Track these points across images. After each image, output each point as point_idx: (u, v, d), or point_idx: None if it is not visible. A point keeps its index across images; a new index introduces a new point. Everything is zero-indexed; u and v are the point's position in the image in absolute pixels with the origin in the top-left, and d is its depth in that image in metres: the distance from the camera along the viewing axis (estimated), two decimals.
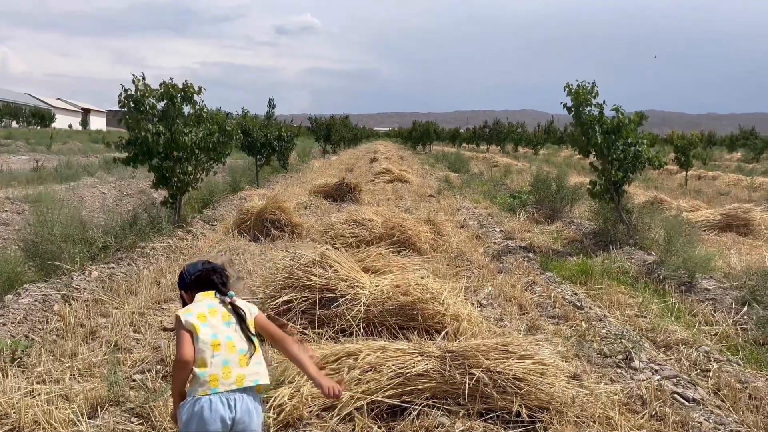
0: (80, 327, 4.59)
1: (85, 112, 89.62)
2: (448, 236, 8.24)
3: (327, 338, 4.24)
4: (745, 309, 5.18)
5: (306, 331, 4.31)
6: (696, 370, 4.10)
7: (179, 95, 8.03)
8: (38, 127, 56.41)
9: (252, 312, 2.58)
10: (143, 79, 7.74)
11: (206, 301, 2.54)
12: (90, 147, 30.17)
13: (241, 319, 2.49)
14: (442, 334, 4.16)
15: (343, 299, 4.45)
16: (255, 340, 2.48)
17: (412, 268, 5.78)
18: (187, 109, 8.25)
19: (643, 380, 3.74)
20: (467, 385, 3.24)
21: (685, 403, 3.46)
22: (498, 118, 50.20)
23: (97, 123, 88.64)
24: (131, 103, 7.69)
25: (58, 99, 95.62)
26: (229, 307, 2.52)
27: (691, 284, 6.11)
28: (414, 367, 3.36)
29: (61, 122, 69.15)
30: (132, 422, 3.25)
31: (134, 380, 3.74)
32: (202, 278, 2.63)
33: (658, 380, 3.75)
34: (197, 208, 10.39)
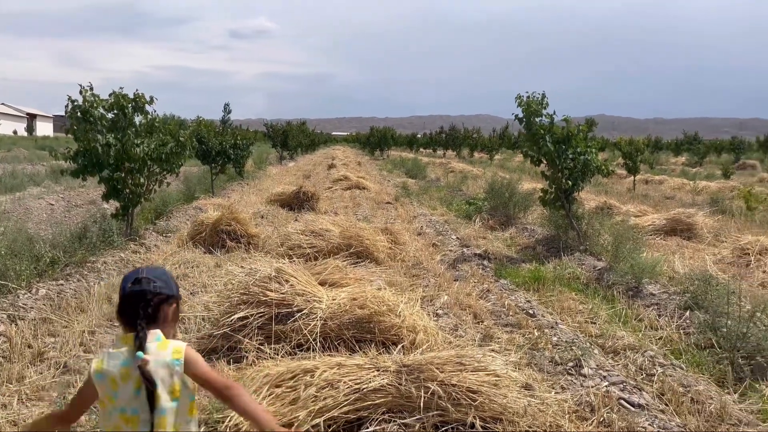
0: (27, 348, 4.45)
1: (31, 118, 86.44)
2: (405, 245, 8.31)
3: (284, 354, 4.23)
4: (688, 314, 5.42)
5: (262, 347, 4.30)
6: (642, 374, 4.27)
7: (130, 105, 7.87)
8: None
9: (175, 372, 2.09)
10: (91, 89, 7.55)
11: (121, 356, 2.08)
12: (36, 154, 29.13)
13: (152, 387, 2.03)
14: (399, 347, 4.22)
15: (299, 314, 4.46)
16: (167, 413, 2.06)
17: (369, 280, 5.83)
18: (138, 119, 8.09)
19: (592, 387, 3.87)
20: (423, 399, 3.30)
21: (631, 408, 3.60)
22: (454, 123, 50.82)
23: (44, 129, 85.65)
24: (79, 113, 7.49)
25: (2, 104, 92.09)
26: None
27: (638, 289, 6.35)
28: (370, 382, 3.39)
29: (5, 128, 66.53)
30: None
31: None
32: (125, 306, 2.17)
33: (606, 386, 3.89)
34: (150, 219, 10.18)
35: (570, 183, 8.29)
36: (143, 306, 2.11)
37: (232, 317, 4.47)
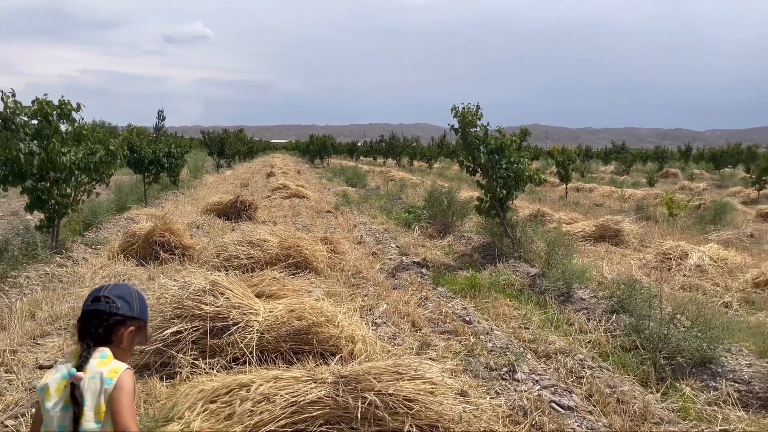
0: None
1: None
2: (345, 254, 8.31)
3: (220, 368, 4.15)
4: (614, 317, 5.66)
5: (197, 362, 4.21)
6: (572, 377, 4.43)
7: (55, 112, 7.54)
8: None
9: (103, 392, 2.02)
10: (13, 95, 7.19)
11: (65, 370, 2.04)
12: None
13: (78, 405, 1.97)
14: (337, 357, 4.22)
15: (235, 327, 4.39)
16: None
17: (308, 291, 5.81)
18: (64, 126, 7.76)
19: (525, 391, 3.99)
20: (360, 409, 3.31)
21: (561, 411, 3.73)
22: (394, 132, 51.26)
23: None
24: (0, 120, 7.12)
25: None
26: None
27: (569, 294, 6.59)
28: (307, 394, 3.38)
29: None
30: None
31: (6, 426, 3.47)
32: (81, 322, 2.15)
33: (538, 390, 4.02)
34: (78, 231, 9.76)
35: (504, 192, 8.52)
36: (95, 325, 2.10)
37: (165, 332, 4.35)
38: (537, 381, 4.22)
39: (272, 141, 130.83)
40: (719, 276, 7.83)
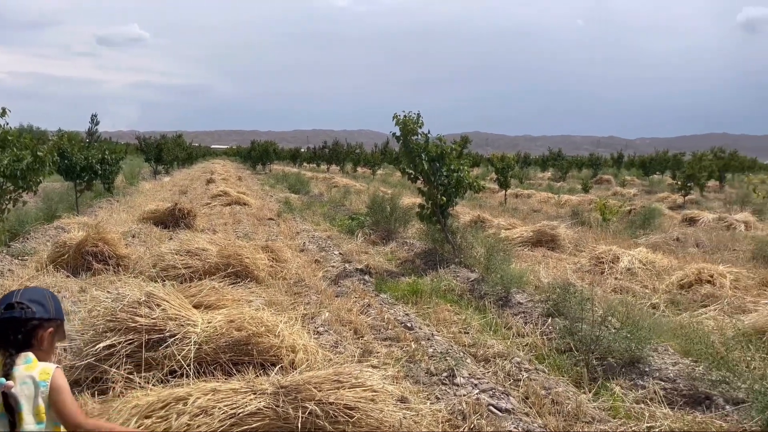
0: None
1: None
2: (287, 262, 8.24)
3: (156, 382, 4.04)
4: (550, 320, 5.85)
5: (131, 376, 4.08)
6: (510, 380, 4.54)
7: None
8: None
9: (40, 394, 2.06)
10: None
11: None
12: None
13: (14, 411, 1.99)
14: (277, 368, 4.18)
15: (172, 339, 4.28)
16: None
17: (248, 300, 5.73)
18: None
19: (464, 395, 4.07)
20: (300, 419, 3.29)
21: (499, 413, 3.83)
22: (338, 138, 51.27)
23: None
24: None
25: None
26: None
27: (507, 299, 6.75)
28: (247, 406, 3.33)
29: None
30: None
31: None
32: None
33: (477, 394, 4.10)
34: (4, 242, 9.27)
35: (445, 199, 8.67)
36: (13, 332, 2.12)
37: (97, 346, 4.19)
38: (476, 385, 4.30)
39: (212, 146, 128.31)
40: (648, 278, 8.21)
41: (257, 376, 3.97)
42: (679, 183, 22.57)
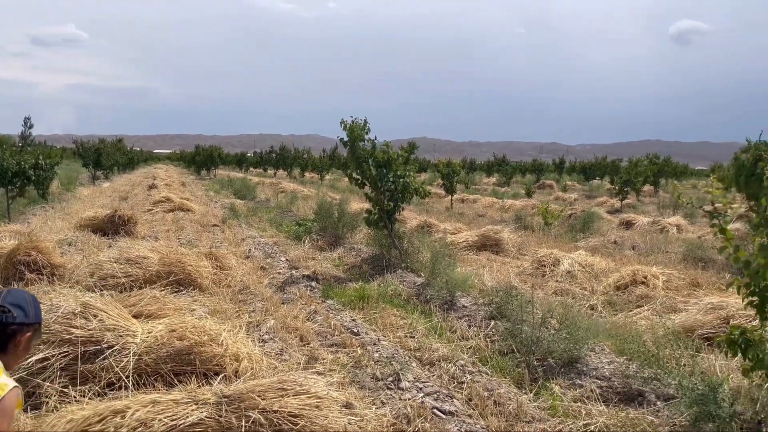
0: None
1: None
2: (231, 269, 8.11)
3: (92, 395, 3.91)
4: (493, 323, 5.98)
5: (66, 390, 3.93)
6: (454, 383, 4.62)
7: None
8: None
9: None
10: None
11: None
12: None
13: None
14: (220, 377, 4.11)
15: (110, 351, 4.16)
16: None
17: (190, 309, 5.62)
18: None
19: (409, 399, 4.11)
20: (243, 428, 3.26)
21: (443, 416, 3.89)
22: (285, 142, 50.79)
23: None
24: None
25: None
26: None
27: (452, 303, 6.86)
28: (188, 417, 3.28)
29: None
30: None
31: None
32: None
33: (421, 397, 4.16)
34: None
35: (391, 204, 8.74)
36: None
37: (30, 359, 4.03)
38: (421, 389, 4.36)
39: (155, 151, 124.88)
40: (587, 280, 8.50)
41: (200, 386, 3.90)
42: (616, 188, 23.45)
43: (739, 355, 3.52)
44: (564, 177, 46.28)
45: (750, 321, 5.06)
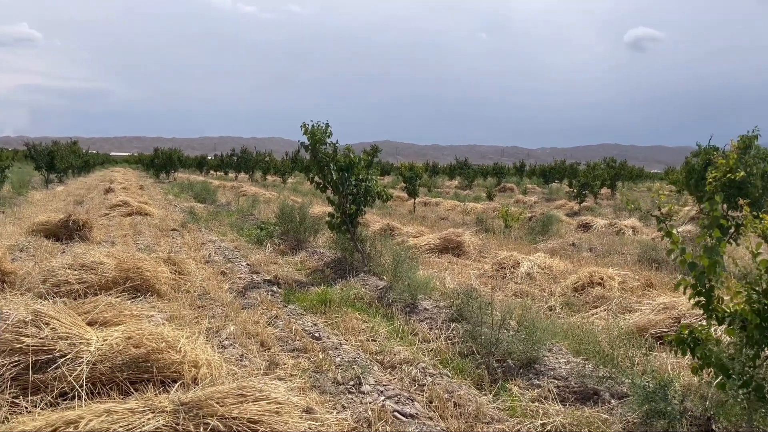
0: None
1: None
2: (190, 275, 7.99)
3: (45, 405, 3.79)
4: (454, 325, 6.04)
5: (17, 401, 3.80)
6: (415, 386, 4.65)
7: None
8: None
9: None
10: None
11: None
12: None
13: None
14: (178, 384, 4.05)
15: (63, 359, 4.04)
16: None
17: (148, 316, 5.51)
18: None
19: (370, 403, 4.12)
20: None
21: (403, 419, 3.91)
22: (246, 145, 50.24)
23: None
24: None
25: None
26: None
27: (414, 305, 6.90)
28: (144, 426, 3.21)
29: None
30: None
31: None
32: None
33: (382, 401, 4.17)
34: None
35: (354, 208, 8.74)
36: None
37: None
38: (382, 392, 4.37)
39: (112, 154, 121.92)
40: (545, 282, 8.67)
41: (157, 394, 3.83)
42: (575, 191, 23.97)
43: (689, 353, 3.65)
44: (524, 180, 47.08)
45: (699, 320, 5.25)
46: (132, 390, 4.06)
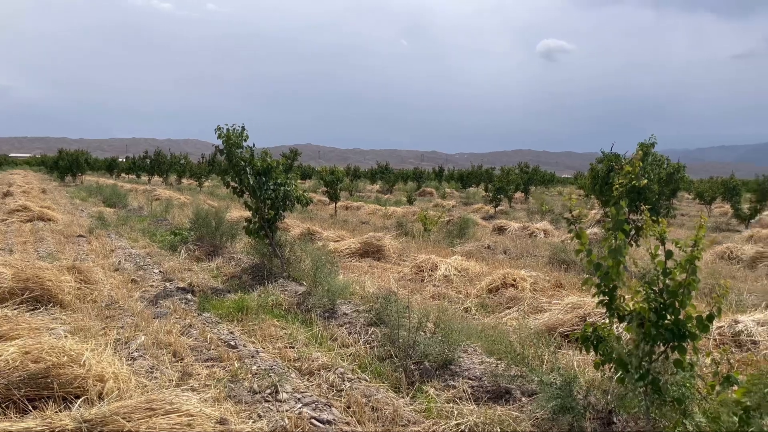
0: None
1: None
2: (98, 283, 7.59)
3: None
4: (373, 329, 6.08)
5: None
6: (333, 391, 4.63)
7: None
8: None
9: None
10: None
11: None
12: None
13: None
14: (81, 400, 3.83)
15: None
16: None
17: (49, 328, 5.19)
18: None
19: (287, 411, 4.07)
20: None
21: (321, 426, 3.89)
22: (160, 147, 48.36)
23: None
24: None
25: None
26: None
27: (333, 310, 6.88)
28: None
29: None
30: None
31: None
32: None
33: (299, 408, 4.13)
34: None
35: (272, 213, 8.61)
36: None
37: None
38: (299, 399, 4.33)
39: (12, 155, 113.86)
40: (462, 284, 8.89)
41: (58, 411, 3.62)
42: (490, 195, 24.75)
43: (593, 350, 3.86)
44: (443, 184, 48.09)
45: (603, 318, 5.56)
46: (30, 408, 3.81)
